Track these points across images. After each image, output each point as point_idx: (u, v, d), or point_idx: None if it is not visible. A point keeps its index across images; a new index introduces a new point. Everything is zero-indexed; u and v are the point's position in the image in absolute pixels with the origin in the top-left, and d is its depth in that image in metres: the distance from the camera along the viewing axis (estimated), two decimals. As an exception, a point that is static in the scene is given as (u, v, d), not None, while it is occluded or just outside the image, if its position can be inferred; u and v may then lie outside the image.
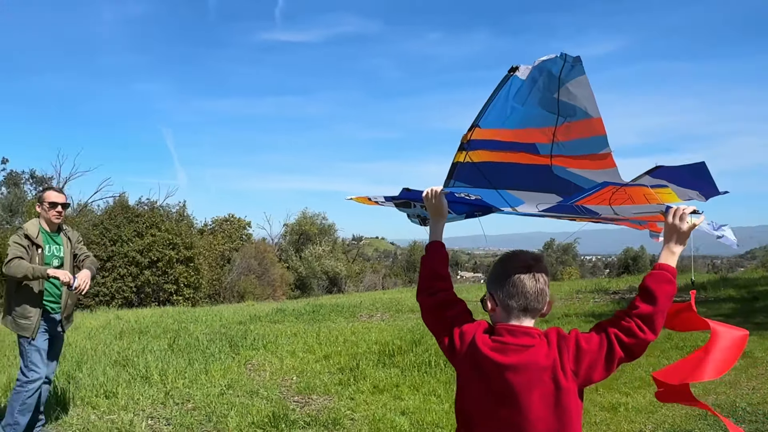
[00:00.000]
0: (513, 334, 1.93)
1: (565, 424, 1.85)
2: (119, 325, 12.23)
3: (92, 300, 22.92)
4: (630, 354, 1.88)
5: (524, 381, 1.86)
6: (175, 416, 5.32)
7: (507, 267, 2.02)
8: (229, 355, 7.87)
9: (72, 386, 6.33)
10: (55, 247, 4.72)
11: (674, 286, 1.91)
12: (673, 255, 1.97)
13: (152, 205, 27.96)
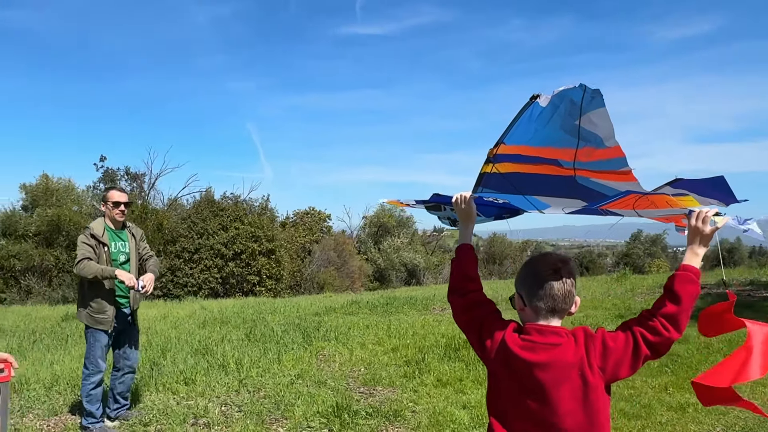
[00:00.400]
0: (541, 333, 2.01)
1: (592, 418, 1.93)
2: (203, 314, 12.85)
3: (181, 290, 24.17)
4: (655, 352, 1.95)
5: (553, 377, 1.94)
6: (246, 403, 5.60)
7: (535, 269, 2.09)
8: (301, 346, 8.14)
9: (155, 373, 6.77)
10: (120, 244, 5.04)
11: (698, 287, 1.96)
12: (696, 256, 2.01)
13: (236, 200, 29.10)
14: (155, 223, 26.56)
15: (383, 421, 5.03)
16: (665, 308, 1.93)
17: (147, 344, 8.67)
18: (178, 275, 24.92)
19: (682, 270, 1.97)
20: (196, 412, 5.38)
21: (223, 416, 5.35)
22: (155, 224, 26.52)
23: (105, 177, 35.78)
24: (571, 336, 2.01)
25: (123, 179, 36.39)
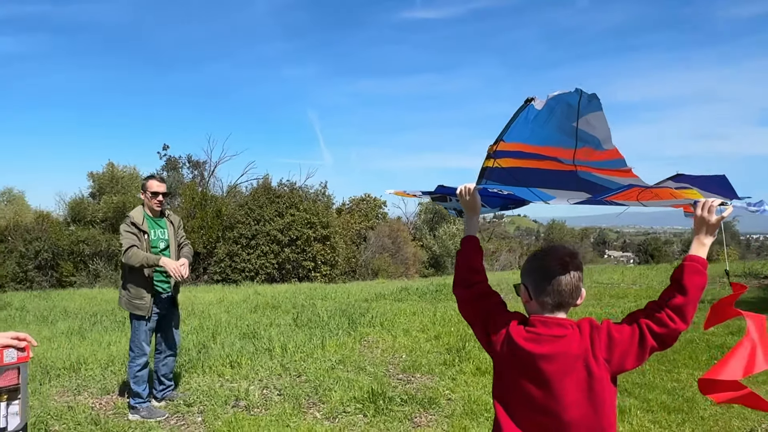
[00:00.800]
0: (546, 325, 2.01)
1: (597, 409, 1.92)
2: (256, 299, 13.17)
3: (239, 275, 24.80)
4: (662, 343, 1.93)
5: (558, 369, 1.95)
6: (286, 387, 5.72)
7: (543, 263, 2.08)
8: (346, 332, 8.24)
9: (203, 355, 6.99)
10: (159, 231, 5.20)
11: (704, 277, 1.93)
12: (703, 246, 1.98)
13: (292, 186, 29.54)
14: (214, 210, 27.28)
15: (417, 408, 5.05)
16: (672, 299, 1.91)
17: (199, 327, 8.97)
18: (236, 260, 25.57)
19: (689, 261, 1.94)
20: (237, 395, 5.54)
21: (263, 399, 5.49)
22: (214, 211, 27.24)
23: (168, 165, 36.97)
24: (576, 327, 2.00)
25: (185, 167, 37.58)
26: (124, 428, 4.83)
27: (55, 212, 35.55)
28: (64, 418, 5.01)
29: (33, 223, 30.37)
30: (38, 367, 6.79)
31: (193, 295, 14.79)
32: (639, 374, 5.79)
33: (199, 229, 26.47)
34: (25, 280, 27.00)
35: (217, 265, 25.76)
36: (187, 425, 4.97)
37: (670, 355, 6.35)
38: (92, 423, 4.89)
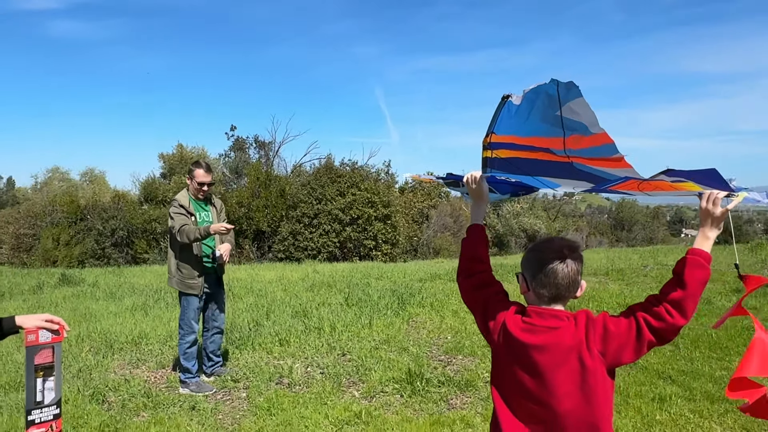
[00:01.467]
0: (541, 316, 2.03)
1: (591, 401, 1.92)
2: (314, 278, 13.43)
3: (302, 253, 25.34)
4: (660, 338, 1.91)
5: (551, 360, 1.96)
6: (329, 366, 5.87)
7: (541, 256, 2.08)
8: (395, 311, 8.32)
9: (254, 332, 7.24)
10: (204, 213, 5.41)
11: (706, 271, 1.88)
12: (707, 240, 1.92)
13: (353, 166, 29.81)
14: (278, 189, 27.87)
15: (453, 390, 5.09)
16: (672, 293, 1.87)
17: (254, 305, 9.26)
18: (299, 239, 26.11)
19: (691, 254, 1.90)
20: (281, 371, 5.73)
21: (306, 377, 5.66)
22: (278, 190, 27.84)
23: (235, 145, 37.94)
24: (571, 319, 2.01)
25: (252, 147, 38.46)
26: (173, 401, 5.09)
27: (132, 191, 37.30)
28: (120, 390, 5.32)
29: (110, 203, 31.95)
30: (103, 340, 7.21)
31: (255, 273, 15.24)
32: (687, 361, 5.62)
33: (264, 208, 27.13)
34: (103, 256, 28.52)
35: (280, 243, 26.38)
36: (231, 400, 5.19)
37: (724, 342, 6.12)
38: (145, 395, 5.17)
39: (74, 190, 48.76)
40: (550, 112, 1.90)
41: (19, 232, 31.86)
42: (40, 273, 16.49)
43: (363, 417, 4.59)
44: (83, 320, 8.58)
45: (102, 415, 4.71)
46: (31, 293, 11.93)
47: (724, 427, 4.19)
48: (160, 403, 5.04)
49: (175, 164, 30.89)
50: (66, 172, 62.02)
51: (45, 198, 36.28)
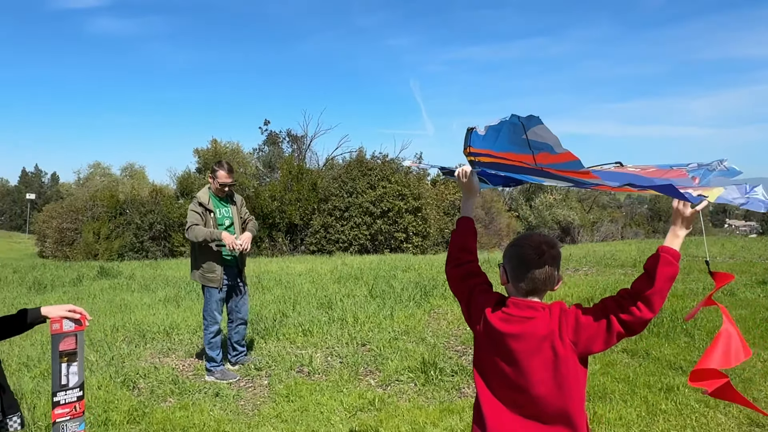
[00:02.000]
0: (518, 306, 2.15)
1: (563, 387, 2.05)
2: (343, 270, 13.65)
3: (333, 246, 25.67)
4: (629, 330, 2.01)
5: (525, 348, 2.09)
6: (348, 356, 6.07)
7: (519, 251, 2.21)
8: (417, 303, 8.48)
9: (278, 323, 7.49)
10: (224, 210, 5.63)
11: (674, 268, 1.96)
12: (677, 238, 2.01)
13: (384, 159, 29.97)
14: (310, 183, 28.25)
15: (466, 379, 5.24)
16: (641, 289, 1.97)
17: (281, 297, 9.52)
18: (331, 232, 26.45)
19: (661, 251, 1.99)
20: (301, 360, 5.95)
21: (326, 366, 5.87)
22: (310, 184, 28.21)
23: (269, 139, 38.51)
24: (546, 310, 2.12)
25: (285, 141, 38.98)
26: (198, 388, 5.36)
27: (170, 186, 38.20)
28: (149, 377, 5.61)
29: (148, 197, 32.79)
30: (137, 330, 7.54)
31: (286, 266, 15.56)
32: (701, 352, 5.62)
33: (296, 201, 27.53)
34: (141, 249, 29.34)
35: (312, 236, 26.77)
36: (253, 388, 5.43)
37: (743, 332, 6.11)
38: (172, 382, 5.45)
39: (115, 184, 50.11)
40: (516, 137, 2.03)
41: (62, 227, 32.98)
42: (80, 266, 17.11)
43: (376, 404, 4.78)
44: (118, 311, 8.97)
45: (131, 400, 4.99)
46: (71, 285, 12.44)
47: (728, 416, 4.25)
48: (186, 390, 5.30)
49: (209, 159, 31.50)
50: (107, 167, 63.81)
51: (86, 193, 37.42)
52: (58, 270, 15.65)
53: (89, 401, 4.90)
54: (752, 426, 4.13)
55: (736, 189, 2.02)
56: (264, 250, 26.74)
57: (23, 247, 48.31)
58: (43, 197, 78.61)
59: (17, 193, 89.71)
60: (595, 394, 4.72)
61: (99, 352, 6.57)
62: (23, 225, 69.98)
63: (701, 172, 2.23)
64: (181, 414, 4.71)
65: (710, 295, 2.11)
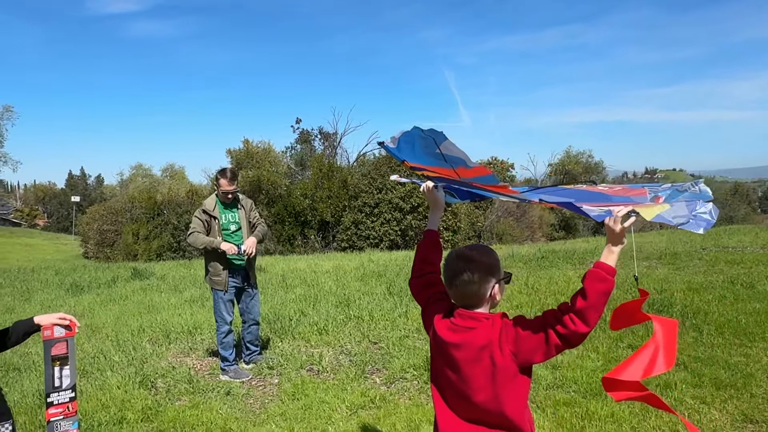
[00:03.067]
0: (462, 317, 2.27)
1: (499, 395, 2.16)
2: (368, 267, 13.82)
3: (364, 242, 25.90)
4: (566, 342, 2.09)
5: (466, 357, 2.21)
6: (358, 354, 6.23)
7: (446, 266, 2.33)
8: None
9: (295, 322, 7.69)
10: (230, 215, 5.82)
11: (607, 284, 2.02)
12: (611, 254, 2.08)
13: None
14: (340, 180, 28.52)
15: (467, 377, 5.34)
16: (575, 303, 2.04)
17: (302, 296, 9.73)
18: (361, 228, 26.70)
19: (595, 267, 2.05)
20: (311, 359, 6.14)
21: (335, 364, 6.04)
22: (340, 181, 28.49)
23: (300, 138, 38.90)
24: (489, 321, 2.22)
25: (316, 139, 39.33)
26: (211, 387, 5.59)
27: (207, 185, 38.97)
28: (166, 377, 5.87)
29: (185, 198, 33.55)
30: (161, 331, 7.84)
31: (314, 263, 15.79)
32: (707, 347, 5.64)
33: (327, 198, 27.85)
34: (179, 249, 30.06)
35: (344, 233, 27.06)
36: (264, 386, 5.64)
37: (751, 327, 6.07)
38: (187, 382, 5.69)
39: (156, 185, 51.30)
40: (430, 150, 2.16)
41: (103, 228, 34.01)
42: (118, 267, 17.68)
43: (377, 402, 4.93)
44: (146, 312, 9.31)
45: (147, 399, 5.25)
46: (105, 287, 12.90)
47: (723, 413, 4.27)
48: (199, 389, 5.54)
49: (242, 159, 32.08)
50: (148, 168, 65.32)
51: (126, 195, 38.48)
52: (96, 272, 16.20)
53: (107, 401, 5.18)
54: (746, 422, 4.14)
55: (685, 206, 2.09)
56: (297, 247, 27.15)
57: (69, 248, 49.92)
58: (87, 199, 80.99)
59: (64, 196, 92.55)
60: (591, 391, 4.78)
61: (124, 352, 6.87)
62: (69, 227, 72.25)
63: (669, 192, 2.31)
64: (191, 412, 4.94)
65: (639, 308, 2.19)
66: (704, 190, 2.23)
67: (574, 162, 42.54)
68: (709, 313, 6.58)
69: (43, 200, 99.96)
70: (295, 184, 30.38)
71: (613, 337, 6.11)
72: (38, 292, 12.65)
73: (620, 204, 2.20)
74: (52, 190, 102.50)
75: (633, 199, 2.30)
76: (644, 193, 2.36)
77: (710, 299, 7.34)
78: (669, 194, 2.29)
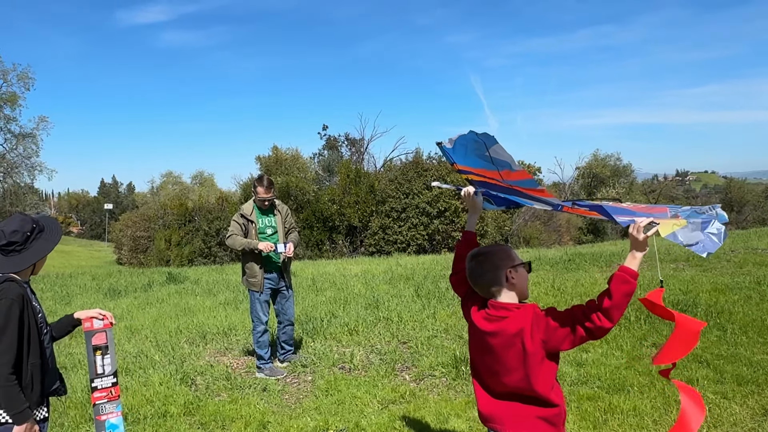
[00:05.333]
0: (495, 308, 2.56)
1: (530, 377, 2.45)
2: (396, 271, 14.04)
3: (392, 246, 26.13)
4: (591, 335, 2.37)
5: (501, 343, 2.51)
6: (388, 353, 6.45)
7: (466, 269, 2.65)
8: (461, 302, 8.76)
9: (326, 323, 7.94)
10: (267, 219, 6.10)
11: (630, 286, 2.27)
12: (634, 259, 2.32)
13: (439, 159, 30.21)
14: (367, 185, 28.83)
15: (494, 374, 5.52)
16: (601, 302, 2.30)
17: (333, 298, 9.99)
18: (389, 233, 26.95)
19: (620, 271, 2.31)
20: (343, 358, 6.38)
21: (365, 360, 6.27)
22: (367, 186, 28.79)
23: (328, 144, 39.37)
24: (520, 310, 2.51)
25: (343, 145, 39.77)
26: (248, 384, 5.86)
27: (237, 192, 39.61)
28: (205, 374, 6.16)
29: (215, 204, 34.18)
30: (198, 332, 8.16)
31: (343, 267, 16.07)
32: (730, 345, 5.73)
33: (354, 204, 28.17)
34: (210, 255, 30.66)
35: (371, 237, 27.34)
36: (298, 383, 5.89)
37: None
38: (225, 379, 5.97)
39: (186, 192, 52.23)
40: (481, 152, 2.43)
41: (136, 235, 34.81)
42: (152, 272, 18.19)
43: (407, 397, 5.14)
44: (183, 314, 9.66)
45: (188, 394, 5.53)
46: (142, 291, 13.34)
47: (744, 407, 4.39)
48: (237, 386, 5.81)
49: (271, 166, 32.63)
50: (178, 175, 66.50)
51: (158, 202, 39.31)
52: (132, 276, 16.71)
53: (151, 396, 5.48)
54: (765, 416, 4.25)
55: (699, 226, 2.29)
56: (325, 252, 27.48)
57: (103, 255, 51.13)
58: (119, 207, 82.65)
59: (96, 204, 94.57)
60: (614, 386, 4.92)
61: (163, 352, 7.19)
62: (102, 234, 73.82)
63: (688, 213, 2.53)
64: (230, 407, 5.20)
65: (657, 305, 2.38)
66: (720, 214, 2.44)
67: (601, 165, 42.28)
68: (734, 313, 6.65)
69: (76, 208, 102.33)
70: (323, 189, 30.79)
71: (637, 336, 6.24)
72: (78, 296, 13.13)
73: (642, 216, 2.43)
74: (85, 198, 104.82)
75: (654, 215, 2.53)
76: (665, 211, 2.58)
77: (736, 299, 7.40)
78: (688, 215, 2.49)
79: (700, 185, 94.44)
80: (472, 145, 2.45)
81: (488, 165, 2.56)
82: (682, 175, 51.39)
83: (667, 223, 2.27)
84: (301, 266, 16.89)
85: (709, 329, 6.24)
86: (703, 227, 2.26)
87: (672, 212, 2.54)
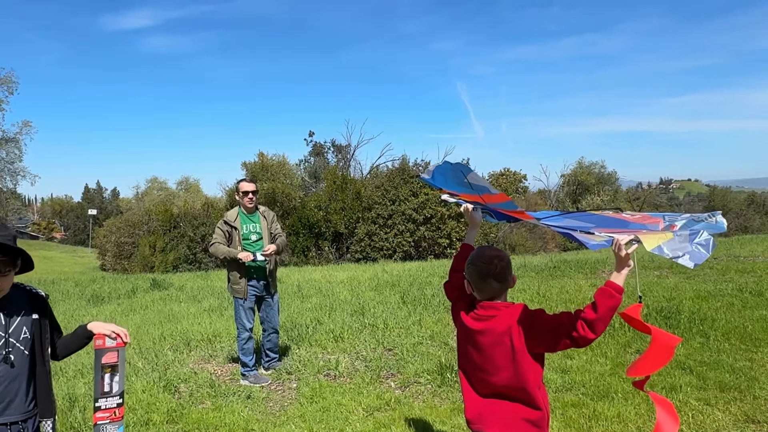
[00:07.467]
0: (484, 308, 2.63)
1: (519, 374, 2.53)
2: (381, 277, 14.02)
3: (378, 253, 26.12)
4: (575, 343, 2.43)
5: (489, 341, 2.58)
6: (374, 360, 6.43)
7: (477, 268, 2.67)
8: (447, 308, 8.77)
9: (311, 330, 7.91)
10: (251, 225, 6.07)
11: (615, 300, 2.34)
12: (619, 275, 2.39)
13: (426, 166, 30.29)
14: (354, 192, 28.80)
15: (479, 381, 5.52)
16: (586, 314, 2.37)
17: (319, 305, 9.96)
18: (375, 240, 26.93)
19: (605, 285, 2.38)
20: (328, 365, 6.35)
21: (350, 367, 6.25)
22: (354, 193, 28.76)
23: (314, 150, 39.31)
24: (509, 309, 2.58)
25: (329, 151, 39.72)
26: (232, 391, 5.81)
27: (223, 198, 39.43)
28: (189, 382, 6.10)
29: (200, 210, 33.97)
30: (182, 339, 8.09)
31: (330, 274, 16.03)
32: (713, 352, 5.78)
33: (341, 210, 28.12)
34: (195, 261, 30.43)
35: (357, 244, 27.30)
36: (283, 390, 5.85)
37: (759, 333, 6.21)
38: (209, 386, 5.91)
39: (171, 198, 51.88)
40: (459, 179, 2.52)
41: (120, 241, 34.48)
42: (136, 278, 18.04)
43: (392, 404, 5.13)
44: (167, 321, 9.58)
45: (171, 402, 5.47)
46: (126, 297, 13.23)
47: (726, 413, 4.42)
48: (221, 393, 5.76)
49: (257, 172, 32.50)
50: (164, 181, 66.07)
51: (142, 208, 38.99)
52: (115, 283, 16.56)
53: (134, 404, 5.41)
54: (748, 422, 4.29)
55: (687, 238, 2.32)
56: (311, 259, 27.39)
57: (86, 261, 50.58)
58: (104, 212, 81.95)
59: (80, 209, 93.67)
60: (599, 393, 4.95)
61: (147, 359, 7.11)
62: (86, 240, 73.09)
63: (686, 221, 2.56)
64: (214, 415, 5.16)
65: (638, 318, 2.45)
66: (720, 222, 2.48)
67: (586, 173, 42.61)
68: (717, 320, 6.72)
69: (59, 213, 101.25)
70: (309, 196, 30.74)
71: (622, 343, 6.28)
72: (60, 302, 12.97)
73: (633, 231, 2.46)
74: (69, 204, 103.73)
75: (647, 226, 2.58)
76: (658, 222, 2.62)
77: (718, 306, 7.48)
78: (685, 223, 2.53)
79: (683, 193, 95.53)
80: (450, 173, 2.58)
81: (469, 190, 2.67)
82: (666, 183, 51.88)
83: (653, 236, 2.32)
84: (286, 273, 16.82)
85: (692, 336, 6.30)
86: (691, 239, 2.29)
87: (668, 222, 2.58)
